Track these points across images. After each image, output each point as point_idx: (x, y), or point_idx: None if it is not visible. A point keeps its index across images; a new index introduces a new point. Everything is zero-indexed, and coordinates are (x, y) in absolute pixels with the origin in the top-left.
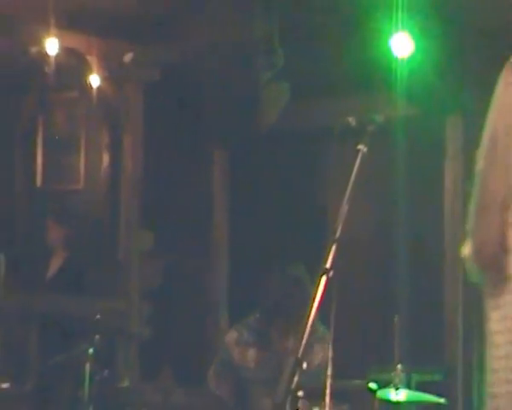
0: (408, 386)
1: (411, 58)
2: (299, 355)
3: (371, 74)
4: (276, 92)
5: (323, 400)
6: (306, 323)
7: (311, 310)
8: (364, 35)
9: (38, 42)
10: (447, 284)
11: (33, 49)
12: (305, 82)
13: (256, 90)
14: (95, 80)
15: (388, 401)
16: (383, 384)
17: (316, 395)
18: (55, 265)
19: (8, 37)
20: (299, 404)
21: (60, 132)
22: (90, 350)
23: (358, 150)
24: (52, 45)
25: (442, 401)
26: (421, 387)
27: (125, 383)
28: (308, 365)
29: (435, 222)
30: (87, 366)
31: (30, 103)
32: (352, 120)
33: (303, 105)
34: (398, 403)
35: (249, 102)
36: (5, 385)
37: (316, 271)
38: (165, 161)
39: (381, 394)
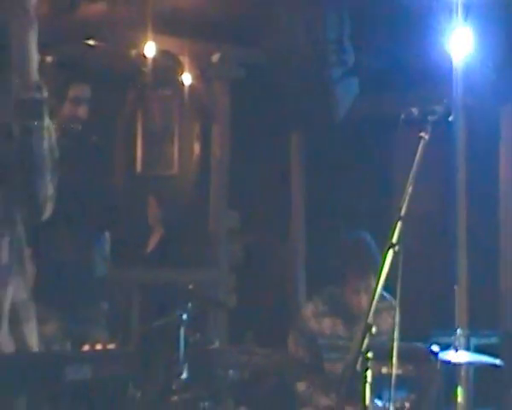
0: (467, 348)
1: (469, 53)
2: (369, 321)
3: (432, 69)
4: (347, 86)
5: (391, 361)
6: (374, 293)
7: (378, 281)
8: (426, 31)
9: (137, 45)
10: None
11: (133, 52)
12: (374, 76)
13: (330, 84)
14: (187, 78)
15: (449, 362)
16: (444, 347)
17: (384, 357)
18: (153, 241)
19: (111, 41)
20: (369, 364)
21: (156, 125)
22: (184, 316)
23: (421, 137)
24: (149, 48)
25: (498, 362)
26: (478, 349)
27: (215, 346)
28: (377, 330)
29: (491, 201)
30: (181, 331)
31: (130, 100)
32: (414, 111)
33: (372, 96)
34: (458, 364)
35: (323, 94)
36: (111, 346)
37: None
38: (249, 147)
39: (442, 355)
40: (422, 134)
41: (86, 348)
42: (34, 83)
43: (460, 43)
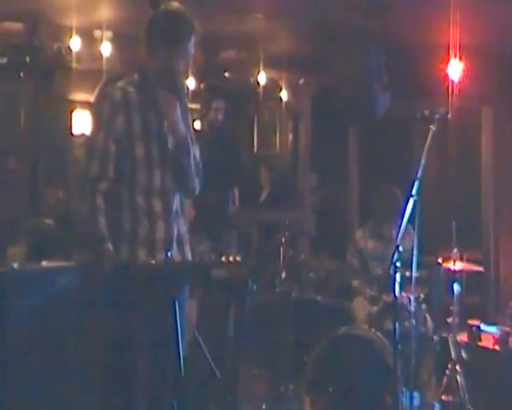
0: (460, 260)
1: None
2: (398, 242)
3: (436, 85)
4: (384, 97)
5: (411, 267)
6: (401, 224)
7: (403, 218)
8: (433, 60)
9: (253, 75)
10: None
11: (251, 79)
12: (400, 90)
13: (373, 96)
14: (284, 95)
15: (448, 269)
16: (447, 259)
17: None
18: (264, 194)
19: (238, 73)
20: (398, 270)
21: (266, 123)
22: (283, 240)
23: (429, 129)
24: (261, 77)
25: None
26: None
27: (301, 258)
28: (403, 248)
29: None
30: (281, 249)
31: (250, 109)
32: (426, 112)
33: (399, 104)
34: (454, 270)
35: (370, 103)
36: (238, 258)
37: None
38: (322, 136)
39: (445, 265)
40: (431, 127)
41: (223, 259)
42: None
43: (454, 68)
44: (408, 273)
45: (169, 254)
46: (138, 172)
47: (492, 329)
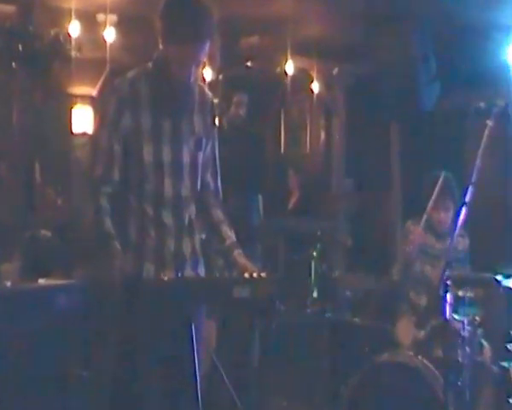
0: None
1: None
2: (448, 258)
3: (495, 73)
4: (431, 88)
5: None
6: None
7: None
8: (490, 46)
9: (280, 65)
10: None
11: (277, 69)
12: (453, 79)
13: (419, 87)
14: (315, 87)
15: (510, 289)
16: (507, 276)
17: (459, 283)
18: (292, 200)
19: (262, 63)
20: (448, 289)
21: (294, 119)
22: (314, 253)
23: (486, 124)
24: (289, 66)
25: None
26: None
27: (336, 274)
28: (454, 251)
29: None
30: (312, 264)
31: (276, 103)
32: (482, 104)
33: (450, 95)
34: None
35: (415, 94)
36: (263, 274)
37: None
38: (359, 133)
39: (505, 283)
40: (488, 122)
41: (246, 275)
42: None
43: None
44: (461, 293)
45: (179, 274)
46: (146, 178)
47: None
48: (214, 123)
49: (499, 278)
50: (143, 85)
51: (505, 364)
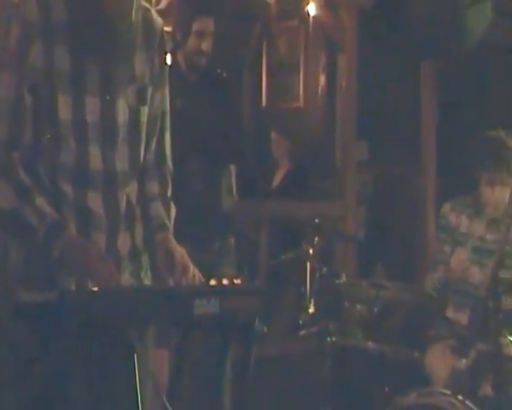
0: None
1: None
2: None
3: None
4: (478, 12)
5: None
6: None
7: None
8: None
9: None
10: None
11: None
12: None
13: (460, 14)
14: (312, 9)
15: None
16: None
17: None
18: (278, 175)
19: None
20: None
21: (281, 57)
22: (310, 250)
23: None
24: None
25: None
26: None
27: (342, 280)
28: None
29: None
30: (308, 265)
31: (255, 33)
32: None
33: (503, 27)
34: None
35: (454, 21)
36: (237, 281)
37: None
38: (377, 78)
39: None
40: None
41: (214, 282)
42: None
43: None
44: None
45: (113, 283)
46: (62, 145)
47: None
48: (165, 63)
49: None
50: (59, 5)
51: None
